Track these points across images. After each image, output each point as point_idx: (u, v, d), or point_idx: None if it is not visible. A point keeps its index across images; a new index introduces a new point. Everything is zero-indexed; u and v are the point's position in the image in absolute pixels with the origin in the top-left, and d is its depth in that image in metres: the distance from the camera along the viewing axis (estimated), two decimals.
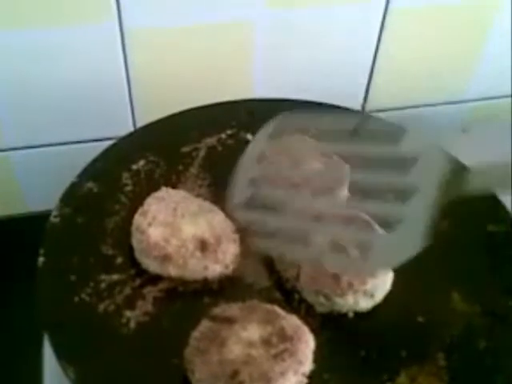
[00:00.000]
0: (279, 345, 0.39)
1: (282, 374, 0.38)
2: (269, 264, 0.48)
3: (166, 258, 0.45)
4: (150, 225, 0.47)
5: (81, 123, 0.66)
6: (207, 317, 0.42)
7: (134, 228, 0.48)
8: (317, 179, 0.51)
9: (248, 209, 0.46)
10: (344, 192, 0.51)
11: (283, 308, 0.43)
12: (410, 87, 0.74)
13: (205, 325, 0.42)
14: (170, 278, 0.46)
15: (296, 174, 0.50)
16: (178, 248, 0.46)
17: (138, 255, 0.47)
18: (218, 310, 0.43)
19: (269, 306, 0.43)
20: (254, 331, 0.40)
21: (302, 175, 0.50)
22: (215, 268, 0.46)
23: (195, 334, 0.41)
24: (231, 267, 0.46)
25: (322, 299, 0.44)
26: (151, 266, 0.46)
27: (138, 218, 0.48)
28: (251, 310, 0.42)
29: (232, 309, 0.43)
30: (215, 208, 0.50)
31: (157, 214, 0.48)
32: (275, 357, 0.39)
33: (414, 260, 0.47)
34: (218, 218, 0.49)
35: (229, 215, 0.49)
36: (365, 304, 0.44)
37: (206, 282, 0.46)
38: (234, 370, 0.38)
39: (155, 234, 0.46)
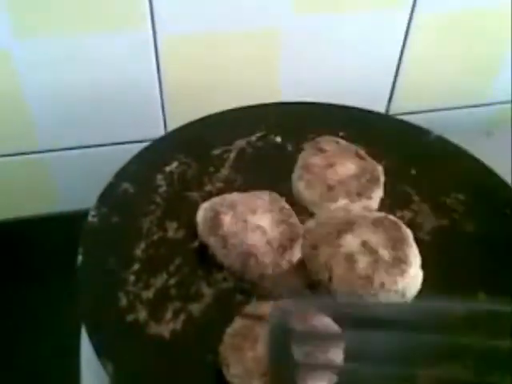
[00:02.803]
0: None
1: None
2: (301, 266, 0.49)
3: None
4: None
5: (115, 126, 0.69)
6: (240, 315, 0.43)
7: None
8: (352, 181, 0.52)
9: None
10: (380, 193, 0.53)
11: None
12: (434, 90, 0.75)
13: (238, 322, 0.43)
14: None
15: (331, 177, 0.52)
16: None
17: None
18: (250, 308, 0.44)
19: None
20: None
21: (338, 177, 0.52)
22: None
23: (229, 330, 0.42)
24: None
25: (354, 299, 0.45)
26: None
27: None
28: None
29: (263, 306, 0.43)
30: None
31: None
32: (307, 355, 0.39)
33: (442, 260, 0.49)
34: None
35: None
36: None
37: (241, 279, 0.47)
38: None
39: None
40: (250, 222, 0.49)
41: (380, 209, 0.52)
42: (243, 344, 0.41)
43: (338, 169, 0.53)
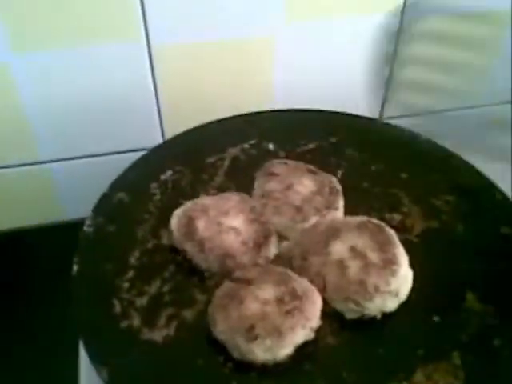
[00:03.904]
0: (290, 303, 0.44)
1: (292, 328, 0.43)
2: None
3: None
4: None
5: (115, 135, 0.70)
6: (229, 278, 0.46)
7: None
8: (316, 196, 0.53)
9: None
10: (342, 202, 0.53)
11: None
12: (426, 94, 0.76)
13: (226, 285, 0.46)
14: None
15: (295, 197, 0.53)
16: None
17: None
18: (238, 273, 0.47)
19: (282, 270, 0.47)
20: (268, 291, 0.45)
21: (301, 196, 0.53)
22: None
23: (218, 292, 0.46)
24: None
25: (351, 305, 0.45)
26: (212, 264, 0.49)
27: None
28: (267, 273, 0.46)
29: (250, 272, 0.47)
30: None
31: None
32: (286, 313, 0.43)
33: (431, 261, 0.49)
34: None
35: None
36: (391, 304, 0.46)
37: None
38: (251, 324, 0.42)
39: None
40: (223, 224, 0.50)
41: (369, 212, 0.53)
42: (230, 304, 0.44)
43: (297, 189, 0.53)
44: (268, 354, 0.42)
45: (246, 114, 0.64)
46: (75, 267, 0.49)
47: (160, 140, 0.71)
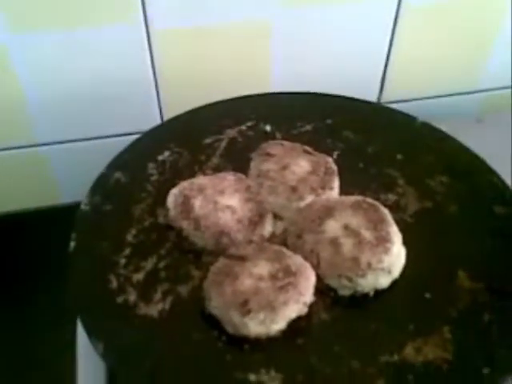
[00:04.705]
0: (284, 279, 0.44)
1: (285, 302, 0.43)
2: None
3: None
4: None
5: (113, 118, 0.71)
6: (224, 255, 0.47)
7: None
8: (311, 176, 0.53)
9: None
10: (337, 182, 0.54)
11: None
12: (424, 78, 0.76)
13: (221, 262, 0.47)
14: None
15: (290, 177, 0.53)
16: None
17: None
18: (233, 250, 0.47)
19: (277, 247, 0.48)
20: (263, 267, 0.45)
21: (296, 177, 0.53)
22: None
23: (213, 269, 0.47)
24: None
25: (345, 282, 0.46)
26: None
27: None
28: (262, 250, 0.47)
29: (245, 249, 0.47)
30: None
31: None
32: (280, 289, 0.44)
33: (424, 240, 0.50)
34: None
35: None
36: (384, 281, 0.47)
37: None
38: (245, 299, 0.43)
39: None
40: (219, 203, 0.51)
41: (365, 192, 0.54)
42: (224, 280, 0.45)
43: (293, 169, 0.54)
44: (261, 328, 0.43)
45: (243, 97, 0.64)
46: (72, 244, 0.49)
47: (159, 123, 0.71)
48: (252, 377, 0.42)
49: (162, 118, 0.72)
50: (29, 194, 0.74)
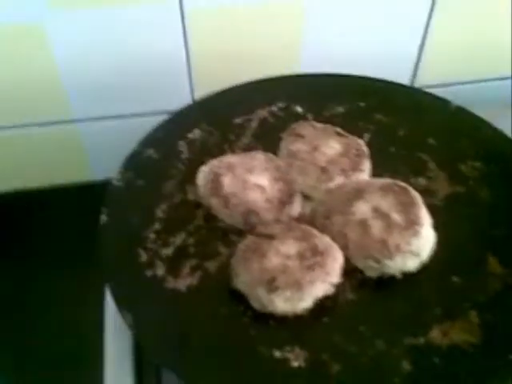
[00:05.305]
0: (311, 258, 0.45)
1: (312, 282, 0.44)
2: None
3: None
4: None
5: (144, 97, 0.71)
6: (252, 233, 0.47)
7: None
8: (341, 158, 0.53)
9: None
10: (368, 164, 0.54)
11: None
12: (459, 63, 0.75)
13: (250, 239, 0.47)
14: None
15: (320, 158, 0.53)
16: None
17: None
18: (261, 228, 0.48)
19: (305, 227, 0.48)
20: (290, 246, 0.46)
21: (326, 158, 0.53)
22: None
23: (241, 246, 0.47)
24: None
25: (372, 263, 0.46)
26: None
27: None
28: (290, 229, 0.47)
29: (273, 227, 0.48)
30: None
31: None
32: (307, 268, 0.44)
33: (454, 224, 0.49)
34: None
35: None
36: (412, 264, 0.46)
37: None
38: (272, 276, 0.44)
39: None
40: (248, 182, 0.51)
41: (395, 176, 0.53)
42: (252, 257, 0.45)
43: (323, 150, 0.54)
44: (287, 306, 0.43)
45: (274, 77, 0.64)
46: (103, 217, 0.50)
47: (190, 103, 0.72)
48: (277, 353, 0.42)
49: (192, 97, 0.72)
50: (60, 170, 0.75)
